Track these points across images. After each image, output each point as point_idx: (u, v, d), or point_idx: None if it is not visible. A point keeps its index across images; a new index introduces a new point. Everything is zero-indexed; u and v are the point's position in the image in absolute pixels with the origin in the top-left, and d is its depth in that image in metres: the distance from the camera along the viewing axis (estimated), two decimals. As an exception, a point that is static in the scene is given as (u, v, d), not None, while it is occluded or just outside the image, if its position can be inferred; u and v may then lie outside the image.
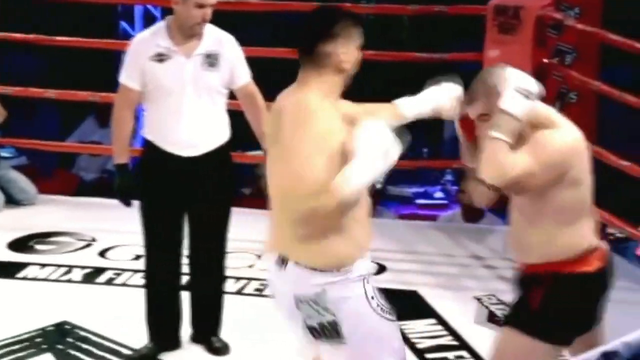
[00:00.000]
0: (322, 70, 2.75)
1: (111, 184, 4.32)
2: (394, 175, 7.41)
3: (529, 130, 2.94)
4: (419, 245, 5.83)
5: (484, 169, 2.89)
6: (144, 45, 4.12)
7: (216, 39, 4.14)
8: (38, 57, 8.91)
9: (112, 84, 4.28)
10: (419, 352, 4.38)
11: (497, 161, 2.86)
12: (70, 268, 5.27)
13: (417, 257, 5.63)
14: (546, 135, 2.94)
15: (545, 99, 5.49)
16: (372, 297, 2.84)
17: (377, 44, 6.93)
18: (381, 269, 5.33)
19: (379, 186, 7.06)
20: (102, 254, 5.51)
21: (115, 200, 4.28)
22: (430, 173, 7.42)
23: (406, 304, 4.90)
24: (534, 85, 2.91)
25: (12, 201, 6.37)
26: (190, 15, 4.02)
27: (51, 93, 6.51)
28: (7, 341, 4.36)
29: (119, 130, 4.20)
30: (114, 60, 9.03)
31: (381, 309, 2.85)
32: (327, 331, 2.80)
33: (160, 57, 4.06)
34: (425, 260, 5.58)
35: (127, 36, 9.00)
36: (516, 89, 2.87)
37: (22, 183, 6.43)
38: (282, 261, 2.81)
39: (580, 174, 2.99)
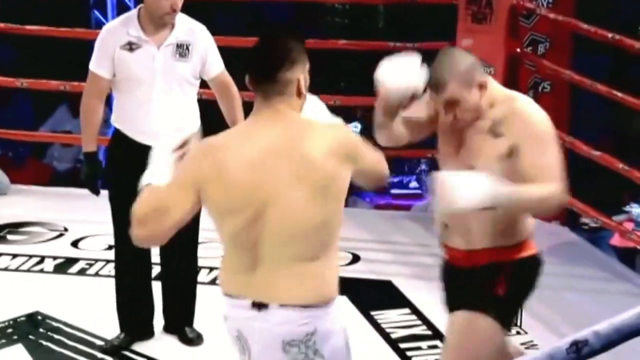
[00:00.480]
0: (286, 97, 2.63)
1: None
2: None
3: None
4: (394, 235, 5.82)
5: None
6: (114, 34, 4.09)
7: (188, 28, 4.11)
8: (8, 46, 8.83)
9: (84, 74, 4.24)
10: (393, 342, 4.38)
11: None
12: (42, 258, 5.24)
13: (392, 247, 5.62)
14: (533, 112, 2.99)
15: (519, 89, 5.55)
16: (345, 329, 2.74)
17: (354, 33, 6.93)
18: (355, 258, 5.33)
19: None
20: (75, 244, 5.48)
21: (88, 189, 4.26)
22: (405, 163, 7.41)
23: (380, 294, 4.92)
24: None
25: (-16, 191, 6.33)
26: (159, 5, 3.99)
27: (23, 82, 6.43)
28: (-22, 332, 4.35)
29: (88, 118, 4.17)
30: (87, 49, 8.94)
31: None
32: None
33: (131, 46, 4.04)
34: (399, 250, 5.58)
35: (100, 25, 8.93)
36: None
37: (-5, 173, 6.39)
38: (260, 306, 2.64)
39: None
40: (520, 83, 5.55)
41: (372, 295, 4.85)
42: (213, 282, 4.92)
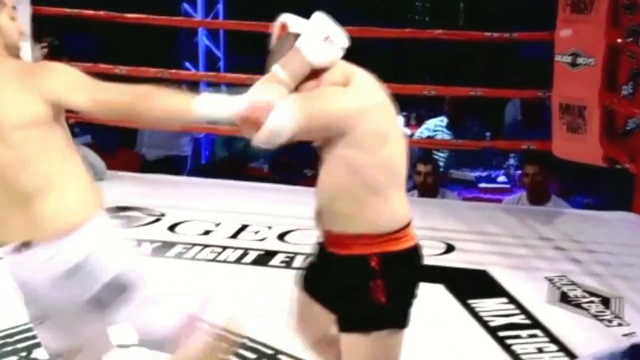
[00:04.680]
0: None
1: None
2: (457, 159, 7.37)
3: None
4: (486, 226, 5.79)
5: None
6: None
7: None
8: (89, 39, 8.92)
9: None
10: (492, 330, 4.35)
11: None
12: (140, 242, 5.29)
13: (485, 238, 5.58)
14: (329, 92, 2.75)
15: (619, 79, 5.48)
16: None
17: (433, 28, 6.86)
18: (450, 248, 5.32)
19: (442, 170, 7.05)
20: (172, 228, 5.53)
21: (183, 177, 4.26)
22: (493, 157, 7.36)
23: (476, 283, 4.89)
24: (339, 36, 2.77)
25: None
26: None
27: (122, 69, 6.45)
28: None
29: None
30: (174, 40, 9.06)
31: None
32: (112, 292, 2.68)
33: None
34: (492, 241, 5.54)
35: (189, 17, 9.05)
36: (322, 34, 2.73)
37: (91, 158, 6.46)
38: (24, 245, 2.67)
39: (367, 139, 2.73)
40: (620, 74, 5.48)
41: (468, 285, 4.83)
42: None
